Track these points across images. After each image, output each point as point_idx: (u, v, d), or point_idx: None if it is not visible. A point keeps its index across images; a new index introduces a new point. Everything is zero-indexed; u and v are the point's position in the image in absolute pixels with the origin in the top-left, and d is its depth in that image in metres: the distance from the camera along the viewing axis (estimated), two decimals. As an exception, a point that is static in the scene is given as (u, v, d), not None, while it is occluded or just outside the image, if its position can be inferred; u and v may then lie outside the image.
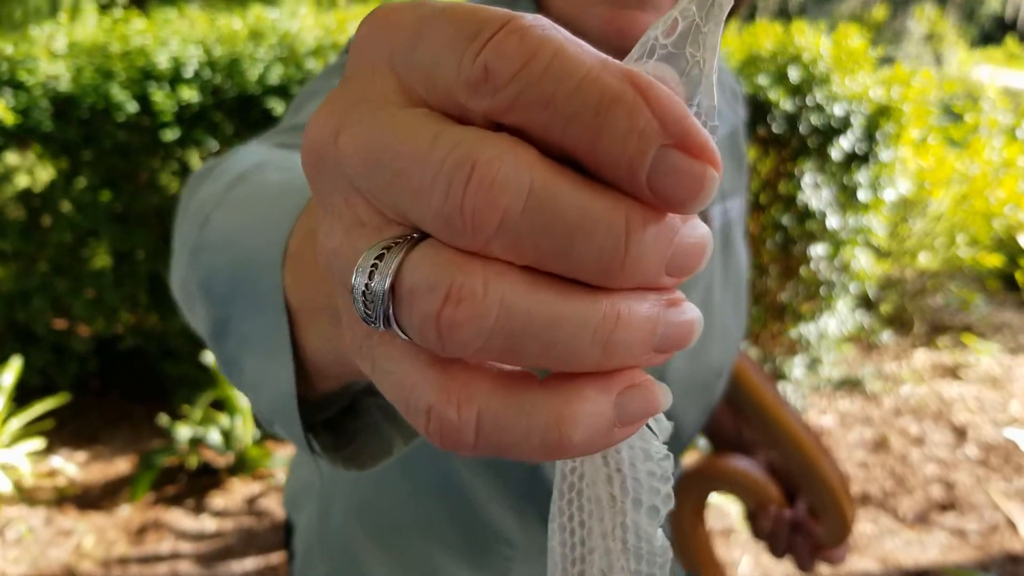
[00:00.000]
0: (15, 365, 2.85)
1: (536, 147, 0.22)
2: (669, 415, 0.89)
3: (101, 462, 2.97)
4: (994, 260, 4.01)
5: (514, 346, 0.22)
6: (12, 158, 3.02)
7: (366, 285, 0.23)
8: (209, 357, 2.76)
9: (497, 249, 0.22)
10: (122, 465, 2.95)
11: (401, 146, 0.22)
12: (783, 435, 1.01)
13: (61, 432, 3.05)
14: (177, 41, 2.91)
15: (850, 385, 3.66)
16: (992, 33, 17.31)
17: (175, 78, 2.83)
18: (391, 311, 0.23)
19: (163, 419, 2.88)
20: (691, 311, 0.24)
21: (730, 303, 0.95)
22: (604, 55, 0.22)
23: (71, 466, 2.91)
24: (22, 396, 2.91)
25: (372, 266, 0.23)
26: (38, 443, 2.80)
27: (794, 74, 2.94)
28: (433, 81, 0.23)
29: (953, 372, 3.86)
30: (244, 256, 0.46)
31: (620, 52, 0.83)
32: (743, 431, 1.09)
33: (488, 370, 0.24)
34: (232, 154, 0.57)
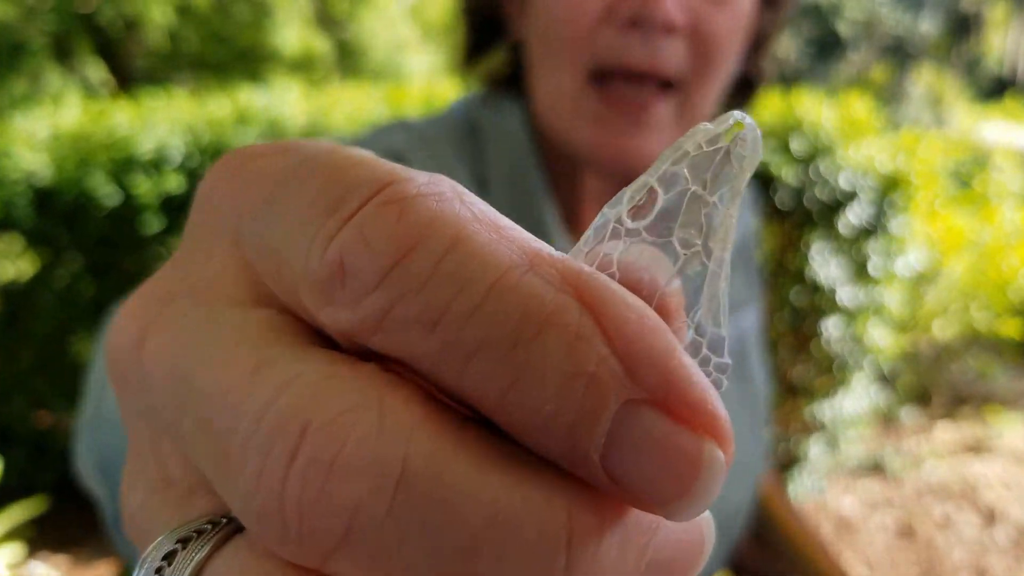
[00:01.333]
0: (-6, 467, 2.76)
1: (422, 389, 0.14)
2: None
3: (83, 567, 2.86)
4: (1011, 328, 3.93)
5: None
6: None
7: None
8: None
9: (346, 567, 0.14)
10: (104, 571, 2.84)
11: (208, 378, 0.15)
12: (812, 568, 0.93)
13: (42, 536, 2.92)
14: (163, 127, 2.87)
15: (870, 466, 3.54)
16: (991, 91, 17.50)
17: (159, 166, 2.78)
18: None
19: (146, 523, 2.77)
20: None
21: (747, 432, 0.85)
22: (539, 244, 0.14)
23: (53, 573, 2.79)
24: (2, 497, 2.79)
25: (157, 570, 0.15)
26: (17, 548, 2.68)
27: (797, 145, 2.87)
28: (280, 272, 0.15)
29: (976, 448, 3.74)
30: None
31: (621, 180, 0.74)
32: (771, 563, 1.00)
33: None
34: None
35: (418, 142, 0.73)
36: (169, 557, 0.15)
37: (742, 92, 0.82)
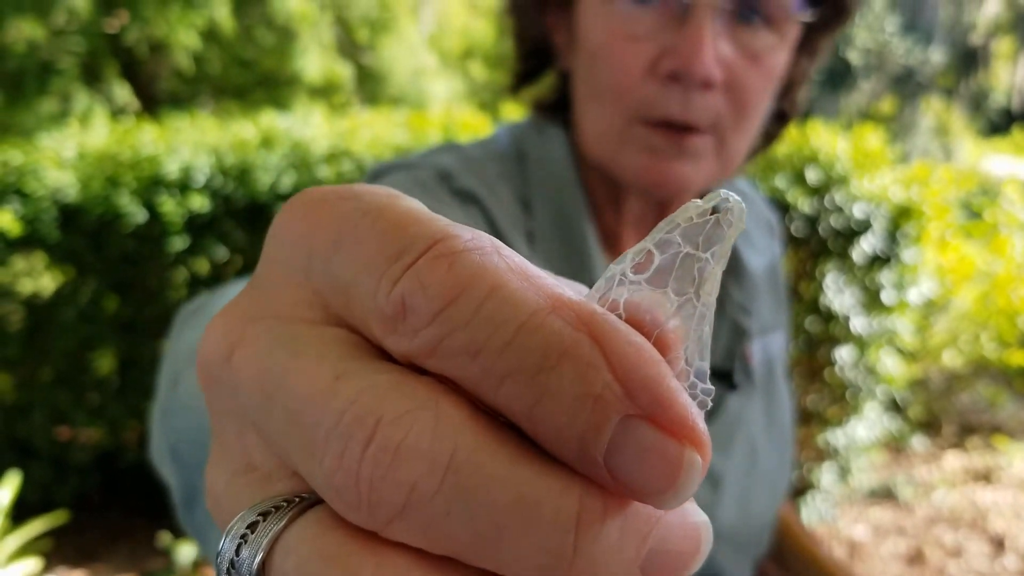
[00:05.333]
0: (13, 482, 2.77)
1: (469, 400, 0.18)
2: (721, 571, 0.82)
3: (100, 582, 2.86)
4: (1020, 358, 3.94)
5: None
6: (17, 264, 2.99)
7: (235, 553, 0.19)
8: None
9: (402, 533, 0.17)
10: (121, 585, 2.85)
11: (297, 382, 0.18)
12: None
13: (59, 549, 2.94)
14: (188, 149, 2.90)
15: (881, 493, 3.54)
16: (999, 124, 17.52)
17: (185, 186, 2.81)
18: None
19: (165, 538, 2.78)
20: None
21: (776, 448, 0.88)
22: (560, 290, 0.18)
23: (70, 587, 2.80)
24: (20, 511, 2.81)
25: (243, 536, 0.18)
26: (35, 563, 2.69)
27: (812, 176, 2.91)
28: (350, 303, 0.19)
29: (986, 477, 3.74)
30: None
31: (661, 205, 0.77)
32: None
33: None
34: (221, 293, 0.53)
35: (465, 163, 0.76)
36: (252, 526, 0.19)
37: (775, 125, 0.86)
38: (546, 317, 0.17)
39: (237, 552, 0.18)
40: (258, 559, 0.18)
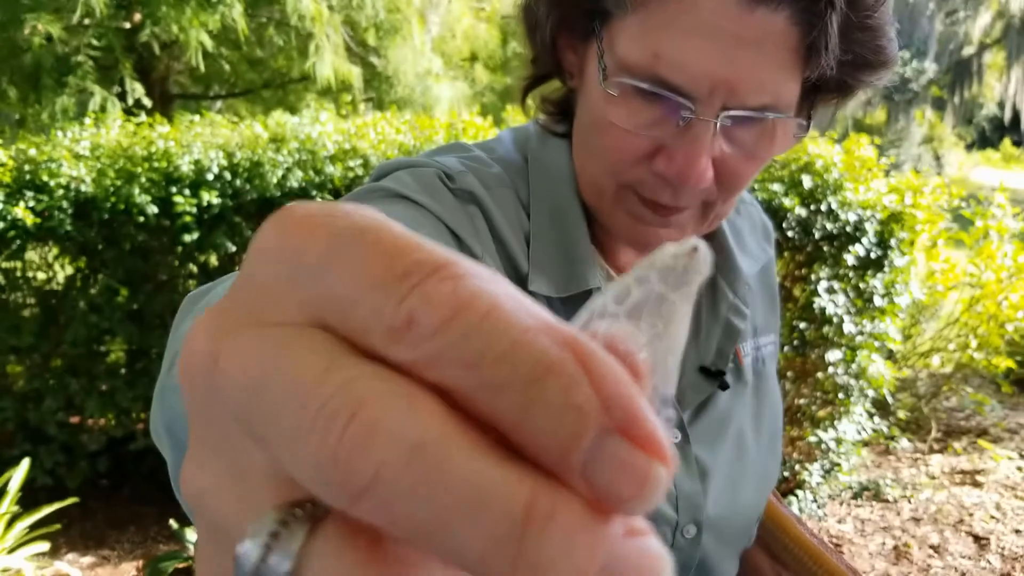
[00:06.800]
0: (23, 467, 2.82)
1: (463, 410, 0.19)
2: (707, 563, 0.84)
3: (108, 566, 2.91)
4: (1007, 363, 4.00)
5: None
6: (30, 255, 3.04)
7: (261, 559, 0.20)
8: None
9: (368, 510, 0.18)
10: (129, 570, 2.89)
11: (287, 374, 0.19)
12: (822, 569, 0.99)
13: (67, 534, 2.99)
14: (200, 145, 2.96)
15: (868, 492, 3.60)
16: (990, 135, 17.62)
17: (196, 182, 2.88)
18: None
19: (173, 523, 2.82)
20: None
21: (765, 445, 0.93)
22: (549, 317, 0.20)
23: (76, 571, 2.84)
24: (29, 495, 2.86)
25: (266, 543, 0.20)
26: (43, 546, 2.74)
27: (807, 182, 2.98)
28: (346, 314, 0.20)
29: (972, 477, 3.80)
30: None
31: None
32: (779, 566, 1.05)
33: None
34: (224, 282, 0.55)
35: (468, 164, 0.80)
36: (274, 535, 0.19)
37: None
38: (537, 336, 0.19)
39: (264, 555, 0.19)
40: (289, 565, 0.19)
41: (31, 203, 2.82)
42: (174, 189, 2.84)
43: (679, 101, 0.68)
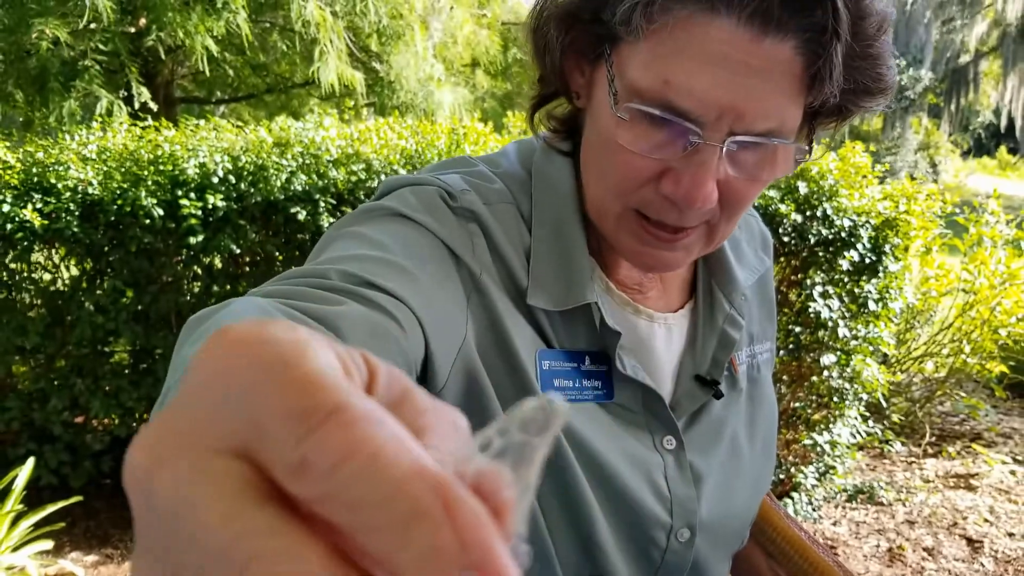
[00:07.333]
0: (28, 466, 2.84)
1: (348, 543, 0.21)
2: (700, 565, 0.86)
3: (111, 565, 2.94)
4: (1000, 368, 4.03)
5: None
6: (37, 256, 3.07)
7: None
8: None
9: None
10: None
11: (196, 514, 0.21)
12: (813, 567, 1.01)
13: (71, 532, 3.02)
14: (205, 149, 3.00)
15: (863, 494, 3.63)
16: (986, 142, 17.68)
17: (202, 185, 2.91)
18: None
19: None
20: None
21: (758, 450, 0.95)
22: (427, 460, 0.22)
23: (79, 569, 2.87)
24: (34, 494, 2.88)
25: None
26: (47, 545, 2.76)
27: (803, 188, 3.02)
28: (261, 444, 0.22)
29: (966, 481, 3.84)
30: None
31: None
32: (775, 572, 1.09)
33: None
34: (224, 308, 0.56)
35: (470, 181, 0.82)
36: None
37: None
38: (412, 483, 0.21)
39: None
40: None
41: (39, 205, 2.86)
42: (179, 192, 2.87)
43: (687, 126, 0.70)
